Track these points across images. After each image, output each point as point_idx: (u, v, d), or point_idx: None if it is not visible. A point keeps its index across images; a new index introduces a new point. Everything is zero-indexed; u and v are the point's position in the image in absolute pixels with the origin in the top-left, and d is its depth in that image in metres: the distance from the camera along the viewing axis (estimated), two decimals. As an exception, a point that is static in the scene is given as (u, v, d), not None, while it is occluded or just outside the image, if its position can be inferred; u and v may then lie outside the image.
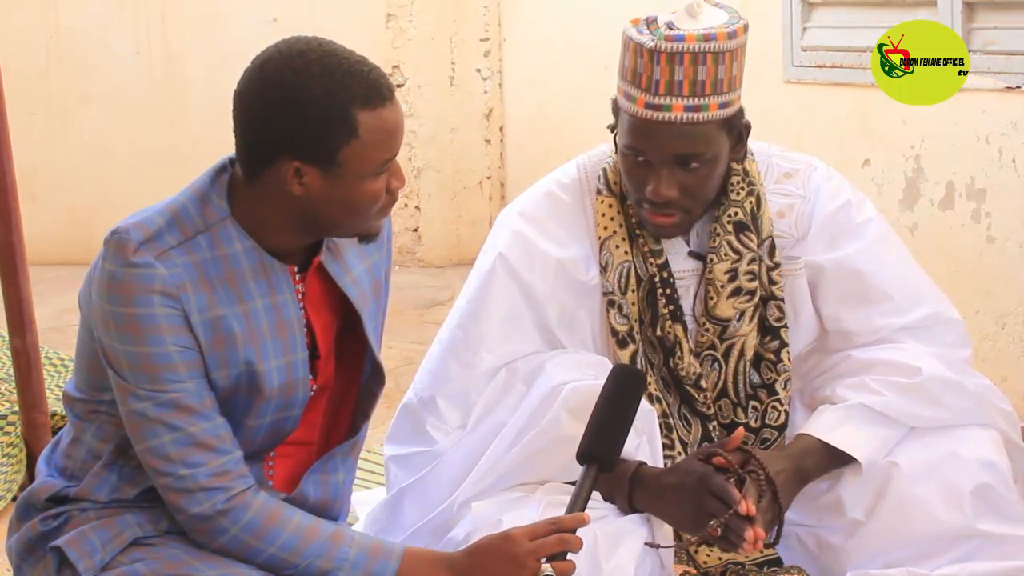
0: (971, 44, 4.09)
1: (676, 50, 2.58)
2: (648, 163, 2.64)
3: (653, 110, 2.60)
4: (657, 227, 2.71)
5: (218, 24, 6.79)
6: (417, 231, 6.90)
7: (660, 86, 2.59)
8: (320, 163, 2.12)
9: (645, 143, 2.63)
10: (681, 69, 2.58)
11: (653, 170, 2.64)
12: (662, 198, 2.63)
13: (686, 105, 2.59)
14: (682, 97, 2.59)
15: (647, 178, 2.64)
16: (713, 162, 2.66)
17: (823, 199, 2.82)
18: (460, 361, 2.75)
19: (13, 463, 3.73)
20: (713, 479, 2.51)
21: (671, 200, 2.64)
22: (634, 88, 2.62)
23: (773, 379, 2.80)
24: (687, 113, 2.60)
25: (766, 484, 2.55)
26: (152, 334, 2.13)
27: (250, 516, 2.18)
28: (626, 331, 2.75)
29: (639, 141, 2.63)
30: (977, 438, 2.69)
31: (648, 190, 2.64)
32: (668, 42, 2.58)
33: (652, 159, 2.63)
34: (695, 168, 2.63)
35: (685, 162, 2.63)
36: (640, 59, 2.61)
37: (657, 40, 2.59)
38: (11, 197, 3.52)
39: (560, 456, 2.52)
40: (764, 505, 2.54)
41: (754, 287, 2.77)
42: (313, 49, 2.13)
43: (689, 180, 2.64)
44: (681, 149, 2.62)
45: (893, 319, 2.79)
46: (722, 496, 2.49)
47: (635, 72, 2.62)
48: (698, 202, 2.69)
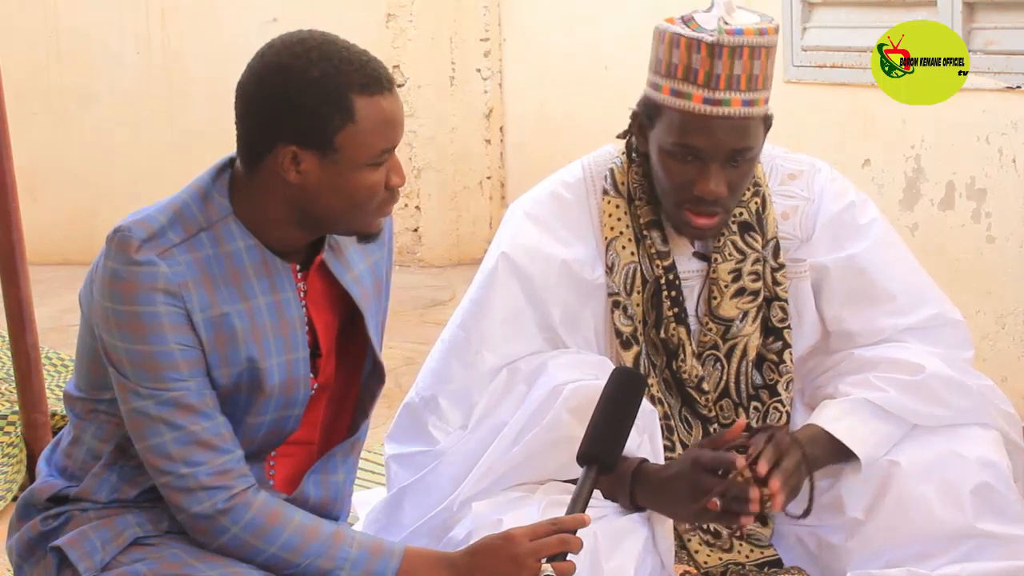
0: (971, 44, 4.09)
1: (737, 43, 2.59)
2: (697, 161, 2.62)
3: (712, 105, 2.60)
4: (698, 229, 2.69)
5: (218, 24, 6.79)
6: (417, 231, 6.90)
7: (720, 80, 2.59)
8: (317, 148, 2.12)
9: (702, 139, 2.61)
10: (740, 63, 2.59)
11: (702, 168, 2.62)
12: (715, 195, 2.62)
13: (743, 100, 2.61)
14: (739, 92, 2.60)
15: (693, 176, 2.63)
16: (755, 158, 2.68)
17: (827, 201, 2.82)
18: (462, 361, 2.75)
19: (13, 463, 3.73)
20: (704, 455, 2.50)
21: (720, 198, 2.64)
22: (688, 84, 2.61)
23: (775, 380, 2.80)
24: (744, 108, 2.61)
25: (794, 445, 2.54)
26: (154, 332, 2.13)
27: (251, 515, 2.18)
28: (630, 332, 2.75)
29: (695, 137, 2.62)
30: (978, 438, 2.70)
31: (698, 188, 2.62)
32: (729, 36, 2.59)
33: (706, 156, 2.61)
34: (741, 164, 2.64)
35: (736, 158, 2.63)
36: (696, 54, 2.60)
37: (719, 34, 2.59)
38: (11, 197, 3.52)
39: (561, 456, 2.52)
40: (789, 466, 2.51)
41: (758, 287, 2.77)
42: (314, 38, 2.14)
43: (734, 177, 2.64)
44: (737, 143, 2.62)
45: (896, 320, 2.79)
46: (716, 467, 2.48)
47: (688, 68, 2.61)
48: (736, 199, 2.70)
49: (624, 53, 5.67)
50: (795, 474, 2.54)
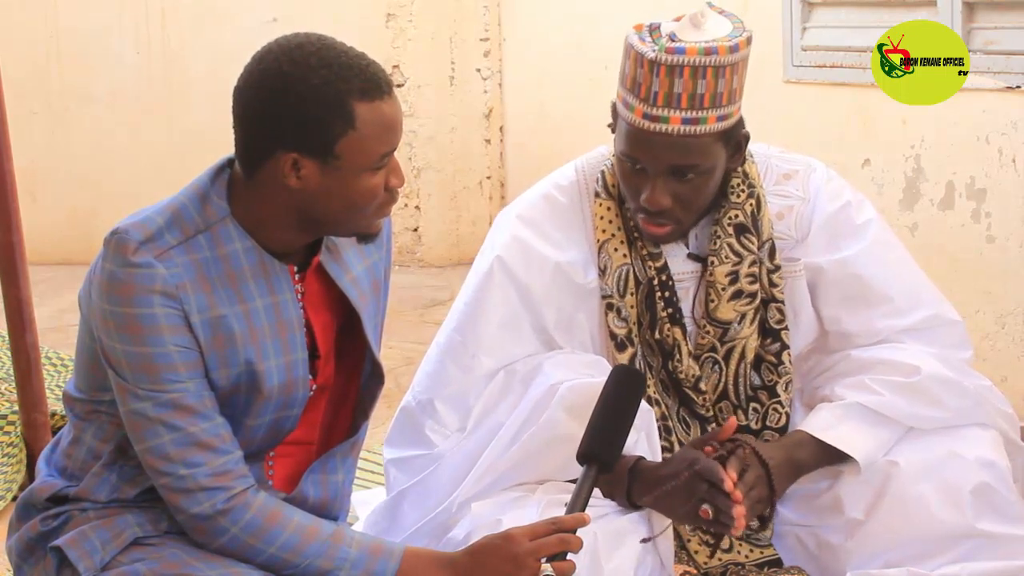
0: (971, 44, 4.09)
1: (676, 63, 2.57)
2: (643, 171, 2.64)
3: (650, 121, 2.60)
4: (651, 235, 2.72)
5: (218, 24, 6.79)
6: (417, 231, 6.90)
7: (659, 98, 2.59)
8: (318, 155, 2.12)
9: (641, 152, 2.63)
10: (680, 82, 2.58)
11: (648, 178, 2.64)
12: (656, 207, 2.64)
13: (684, 118, 2.59)
14: (680, 110, 2.59)
15: (642, 185, 2.65)
16: (708, 173, 2.66)
17: (823, 200, 2.82)
18: (458, 364, 2.75)
19: (13, 463, 3.73)
20: (702, 462, 2.51)
21: (664, 209, 2.65)
22: (632, 97, 2.62)
23: (774, 381, 2.80)
24: (684, 126, 2.60)
25: (755, 461, 2.55)
26: (152, 334, 2.13)
27: (250, 516, 2.18)
28: (625, 334, 2.75)
29: (635, 150, 2.64)
30: (977, 438, 2.69)
31: (642, 198, 2.65)
32: (668, 54, 2.57)
33: (647, 168, 2.63)
34: (690, 179, 2.64)
35: (680, 173, 2.63)
36: (640, 69, 2.61)
37: (658, 52, 2.58)
38: (11, 197, 3.52)
39: (558, 455, 2.52)
40: (750, 480, 2.53)
41: (755, 290, 2.77)
42: (312, 42, 2.14)
43: (683, 190, 2.65)
44: (676, 160, 2.62)
45: (893, 321, 2.79)
46: (711, 477, 2.49)
47: (634, 81, 2.62)
48: (690, 212, 2.69)
49: (624, 53, 5.67)
50: (757, 487, 2.55)
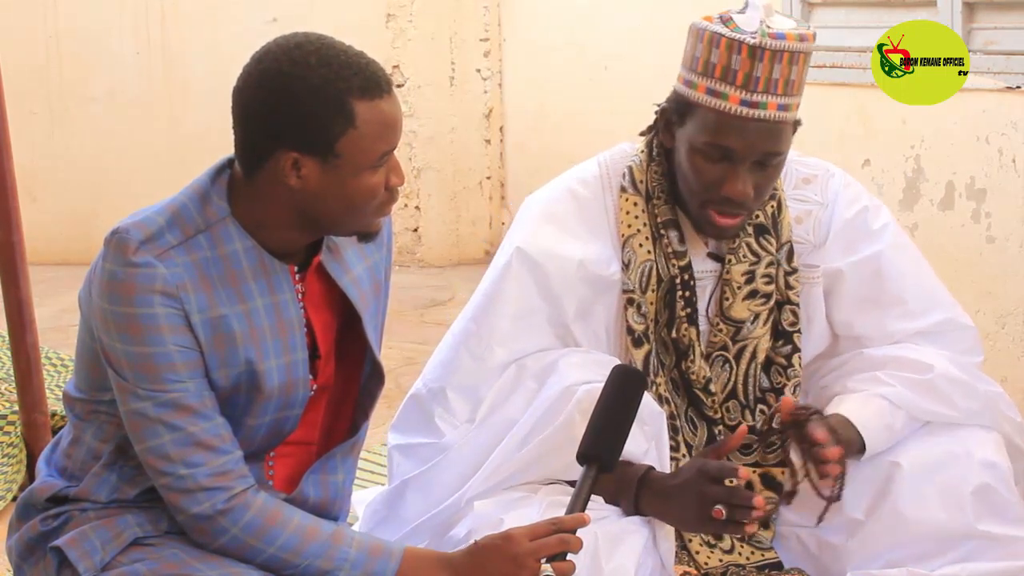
0: (971, 44, 4.09)
1: (779, 48, 2.60)
2: (726, 161, 2.63)
3: (749, 107, 2.61)
4: (721, 228, 2.70)
5: (218, 24, 6.79)
6: (417, 231, 6.90)
7: (759, 83, 2.61)
8: (318, 154, 2.12)
9: (735, 140, 2.62)
10: (779, 67, 2.61)
11: (731, 169, 2.63)
12: (742, 197, 2.63)
13: (779, 104, 2.62)
14: (776, 96, 2.62)
15: (721, 176, 2.64)
16: (783, 162, 2.69)
17: (841, 206, 2.83)
18: (472, 353, 2.75)
19: (13, 463, 3.73)
20: (709, 464, 2.50)
21: (747, 199, 2.64)
22: (725, 85, 2.62)
23: (783, 383, 2.80)
24: (779, 112, 2.63)
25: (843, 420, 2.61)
26: (152, 334, 2.13)
27: (250, 516, 2.18)
28: (642, 330, 2.75)
29: (728, 138, 2.62)
30: (979, 439, 2.70)
31: (726, 189, 2.63)
32: (772, 39, 2.60)
33: (737, 157, 2.62)
34: (768, 168, 2.65)
35: (766, 161, 2.64)
36: (736, 55, 2.61)
37: (760, 37, 2.60)
38: (11, 197, 3.52)
39: (571, 457, 2.50)
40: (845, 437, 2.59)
41: (770, 290, 2.77)
42: (311, 41, 2.14)
43: (762, 179, 2.66)
44: (769, 147, 2.63)
45: (907, 323, 2.80)
46: (720, 476, 2.48)
47: (727, 68, 2.62)
48: (761, 201, 2.72)
49: (624, 53, 5.67)
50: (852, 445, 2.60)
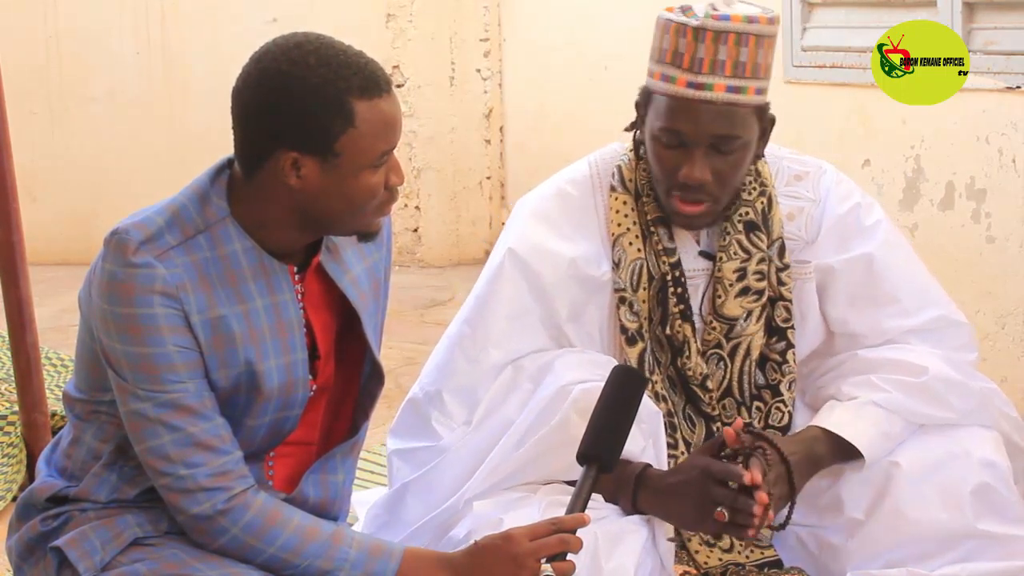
0: (971, 44, 4.09)
1: (722, 28, 2.60)
2: (682, 147, 2.64)
3: (695, 89, 2.62)
4: (686, 217, 2.70)
5: (218, 24, 6.79)
6: (417, 231, 6.90)
7: (704, 64, 2.61)
8: (318, 153, 2.13)
9: (684, 123, 2.63)
10: (725, 48, 2.60)
11: (687, 154, 2.64)
12: (695, 180, 2.63)
13: (728, 86, 2.62)
14: (724, 77, 2.61)
15: (680, 162, 2.64)
16: (745, 148, 2.67)
17: (833, 202, 2.83)
18: (467, 356, 2.75)
19: (13, 463, 3.73)
20: (715, 466, 2.51)
21: (703, 184, 2.64)
22: (674, 69, 2.63)
23: (778, 380, 2.80)
24: (728, 94, 2.62)
25: (776, 459, 2.55)
26: (152, 334, 2.13)
27: (250, 516, 2.18)
28: (636, 329, 2.75)
29: (678, 121, 2.63)
30: (978, 438, 2.70)
31: (682, 174, 2.64)
32: (714, 20, 2.61)
33: (689, 140, 2.63)
34: (728, 153, 2.64)
35: (720, 145, 2.63)
36: (683, 39, 2.62)
37: (703, 18, 2.61)
38: (11, 197, 3.52)
39: (568, 457, 2.51)
40: (772, 479, 2.53)
41: (762, 287, 2.77)
42: (311, 41, 2.14)
43: (721, 165, 2.65)
44: (720, 130, 2.62)
45: (901, 321, 2.80)
46: (726, 479, 2.49)
47: (676, 52, 2.63)
48: (726, 190, 2.69)
49: (624, 53, 5.66)
50: (779, 484, 2.55)
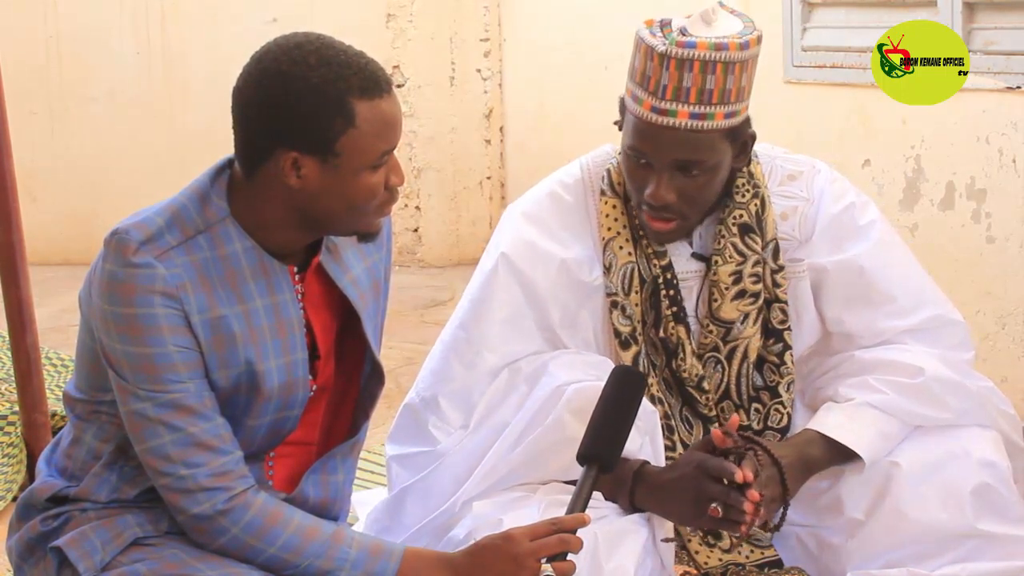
0: (971, 44, 4.09)
1: (686, 56, 2.58)
2: (649, 166, 2.65)
3: (658, 114, 2.61)
4: (655, 232, 2.71)
5: (218, 24, 6.79)
6: (417, 231, 6.90)
7: (667, 91, 2.59)
8: (318, 153, 2.13)
9: (647, 146, 2.63)
10: (690, 76, 2.58)
11: (653, 173, 2.64)
12: (660, 201, 2.64)
13: (691, 112, 2.60)
14: (688, 104, 2.59)
15: (647, 180, 2.65)
16: (714, 170, 2.66)
17: (827, 201, 2.82)
18: (462, 361, 2.75)
19: (13, 463, 3.73)
20: (710, 462, 2.51)
21: (668, 204, 2.64)
22: (641, 90, 2.63)
23: (776, 381, 2.80)
24: (692, 120, 2.60)
25: (767, 461, 2.55)
26: (152, 334, 2.13)
27: (251, 516, 2.18)
28: (629, 332, 2.75)
29: (642, 144, 2.64)
30: (977, 438, 2.70)
31: (647, 193, 2.65)
32: (679, 48, 2.58)
33: (653, 163, 2.63)
34: (695, 175, 2.64)
35: (686, 168, 2.63)
36: (650, 62, 2.61)
37: (668, 45, 2.59)
38: (11, 197, 3.52)
39: (563, 457, 2.52)
40: (763, 480, 2.53)
41: (758, 289, 2.77)
42: (311, 41, 2.14)
43: (688, 186, 2.65)
44: (682, 155, 2.62)
45: (896, 321, 2.79)
46: (720, 475, 2.49)
47: (644, 75, 2.63)
48: (695, 209, 2.69)
49: (624, 53, 5.66)
50: (770, 486, 2.55)
